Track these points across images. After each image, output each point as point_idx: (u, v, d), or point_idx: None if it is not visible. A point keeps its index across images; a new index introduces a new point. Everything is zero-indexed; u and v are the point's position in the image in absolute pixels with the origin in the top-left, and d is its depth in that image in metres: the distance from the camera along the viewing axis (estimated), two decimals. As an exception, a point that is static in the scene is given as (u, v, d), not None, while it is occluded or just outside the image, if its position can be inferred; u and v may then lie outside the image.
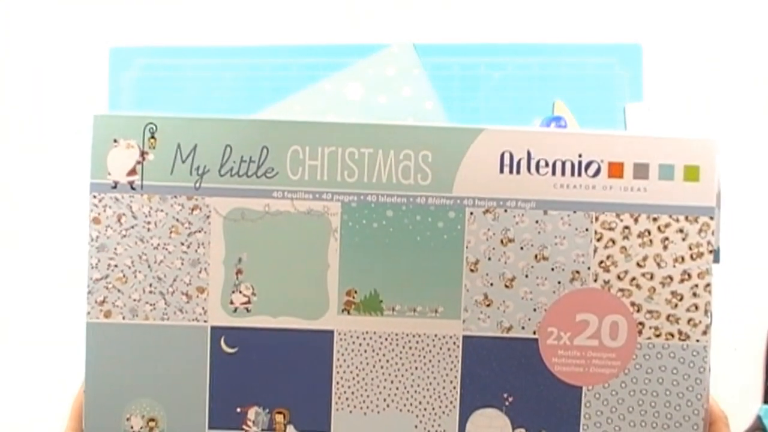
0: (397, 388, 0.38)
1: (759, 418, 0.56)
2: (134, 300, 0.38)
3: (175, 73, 0.59)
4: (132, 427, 0.38)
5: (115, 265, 0.38)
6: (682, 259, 0.38)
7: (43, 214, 0.57)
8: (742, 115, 0.58)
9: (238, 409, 0.38)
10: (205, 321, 0.38)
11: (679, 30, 0.59)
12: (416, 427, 0.38)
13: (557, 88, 0.58)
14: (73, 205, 0.53)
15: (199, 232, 0.38)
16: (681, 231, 0.38)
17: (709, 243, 0.38)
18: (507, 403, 0.38)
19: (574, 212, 0.38)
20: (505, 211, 0.38)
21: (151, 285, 0.38)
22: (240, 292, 0.38)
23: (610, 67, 0.58)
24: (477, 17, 0.59)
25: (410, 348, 0.38)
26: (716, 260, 0.38)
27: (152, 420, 0.38)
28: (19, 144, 0.59)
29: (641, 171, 0.38)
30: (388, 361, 0.38)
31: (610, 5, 0.59)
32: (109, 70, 0.59)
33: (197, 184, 0.38)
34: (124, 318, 0.38)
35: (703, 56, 0.59)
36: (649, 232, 0.38)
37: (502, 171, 0.38)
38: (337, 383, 0.38)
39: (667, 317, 0.38)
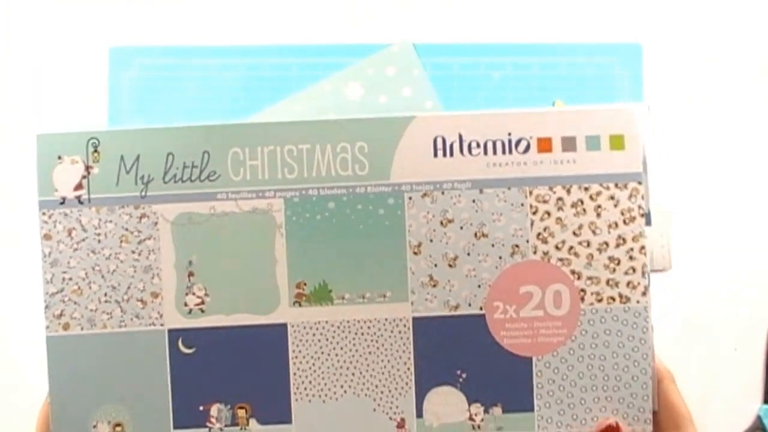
0: (353, 374, 0.40)
1: (759, 418, 0.56)
2: (91, 310, 0.39)
3: (175, 73, 0.59)
4: None
5: (70, 278, 0.39)
6: (616, 224, 0.39)
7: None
8: (742, 115, 0.58)
9: (201, 408, 0.39)
10: (162, 324, 0.39)
11: (679, 30, 0.59)
12: (374, 410, 0.40)
13: (557, 88, 0.57)
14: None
15: (149, 239, 0.39)
16: (612, 198, 0.39)
17: (639, 207, 0.39)
18: (461, 380, 0.39)
19: (509, 189, 0.39)
20: (442, 193, 0.39)
21: (106, 294, 0.39)
22: (193, 293, 0.39)
23: (610, 67, 0.58)
24: (477, 17, 0.59)
25: (362, 334, 0.40)
26: (648, 223, 0.39)
27: (118, 425, 0.39)
28: (19, 144, 0.58)
29: (569, 144, 0.39)
30: (342, 348, 0.40)
31: (610, 5, 0.59)
32: (109, 70, 0.58)
33: (143, 193, 0.39)
34: (82, 329, 0.39)
35: (703, 56, 0.58)
36: (582, 202, 0.39)
37: (436, 155, 0.39)
38: (295, 374, 0.40)
39: (607, 282, 0.39)
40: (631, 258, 0.39)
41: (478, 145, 0.39)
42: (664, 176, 0.56)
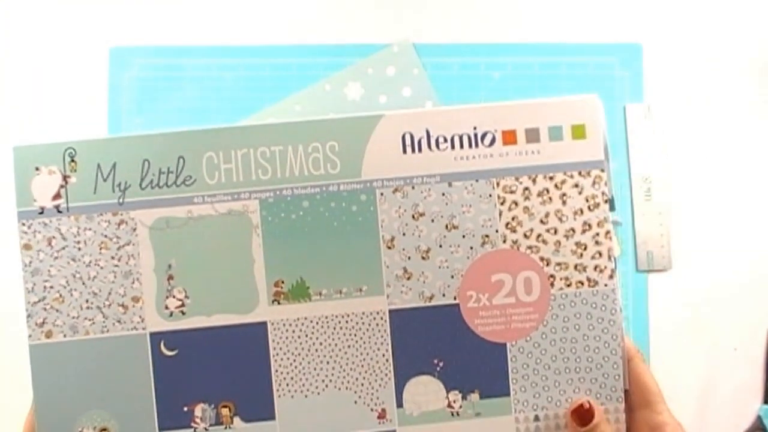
0: (333, 368, 0.41)
1: (759, 418, 0.57)
2: (73, 317, 0.40)
3: (175, 73, 0.59)
4: None
5: (51, 287, 0.40)
6: (581, 211, 0.41)
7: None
8: (742, 115, 0.59)
9: (185, 408, 0.40)
10: (144, 328, 0.40)
11: (679, 30, 0.59)
12: (356, 402, 0.40)
13: (557, 88, 0.58)
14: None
15: (128, 244, 0.40)
16: (576, 186, 0.41)
17: (603, 193, 0.41)
18: (438, 368, 0.40)
19: (477, 181, 0.41)
20: (413, 188, 0.41)
21: (87, 301, 0.40)
22: (173, 296, 0.40)
23: (610, 67, 0.58)
24: (477, 17, 0.59)
25: (341, 328, 0.41)
26: (612, 208, 0.41)
27: (104, 430, 0.40)
28: (19, 144, 0.59)
29: (533, 135, 0.41)
30: (321, 343, 0.41)
31: (610, 5, 0.59)
32: (109, 70, 0.59)
33: (120, 200, 0.40)
34: (65, 336, 0.40)
35: (703, 56, 0.59)
36: (548, 191, 0.41)
37: (405, 151, 0.41)
38: (276, 371, 0.40)
39: (575, 267, 0.41)
40: (597, 243, 0.41)
41: (446, 140, 0.41)
42: (664, 176, 0.57)
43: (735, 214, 0.58)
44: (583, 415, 0.39)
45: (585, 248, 0.41)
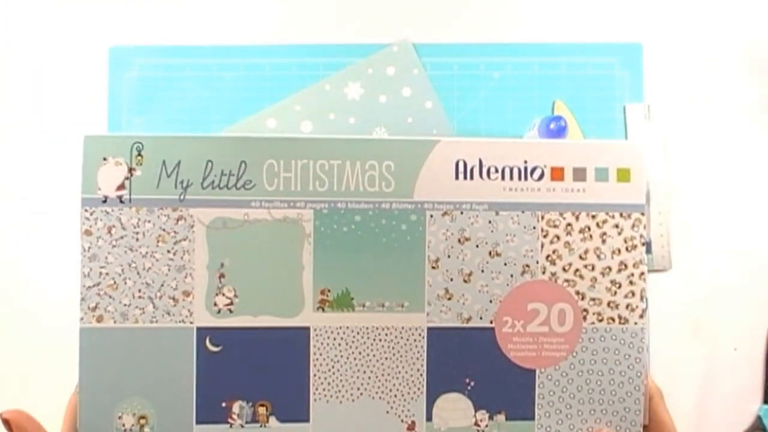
0: (369, 378, 0.42)
1: (759, 418, 0.57)
2: (125, 305, 0.41)
3: (175, 73, 0.59)
4: (123, 425, 0.41)
5: (107, 273, 0.41)
6: (619, 251, 0.43)
7: (43, 214, 0.58)
8: (742, 115, 0.59)
9: (223, 404, 0.42)
10: (191, 322, 0.42)
11: (679, 30, 0.59)
12: (387, 412, 0.42)
13: (557, 88, 0.58)
14: (72, 205, 0.53)
15: (184, 240, 0.42)
16: (617, 226, 0.43)
17: (641, 236, 0.43)
18: (469, 387, 0.42)
19: (523, 212, 0.43)
20: (461, 213, 0.42)
21: (140, 290, 0.42)
22: (223, 294, 0.42)
23: (610, 67, 0.58)
24: (477, 17, 0.60)
25: (380, 340, 0.42)
26: (648, 251, 0.43)
27: (143, 417, 0.41)
28: (19, 144, 0.59)
29: (580, 174, 0.43)
30: (360, 353, 0.42)
31: (610, 5, 0.59)
32: (108, 70, 0.59)
33: (181, 197, 0.42)
34: (115, 322, 0.41)
35: (703, 56, 0.59)
36: (589, 228, 0.43)
37: (457, 177, 0.43)
38: (315, 375, 0.42)
39: (608, 304, 0.43)
40: (631, 283, 0.43)
41: (497, 171, 0.43)
42: (664, 176, 0.58)
43: (735, 215, 0.58)
44: (602, 444, 0.41)
45: (619, 287, 0.43)
